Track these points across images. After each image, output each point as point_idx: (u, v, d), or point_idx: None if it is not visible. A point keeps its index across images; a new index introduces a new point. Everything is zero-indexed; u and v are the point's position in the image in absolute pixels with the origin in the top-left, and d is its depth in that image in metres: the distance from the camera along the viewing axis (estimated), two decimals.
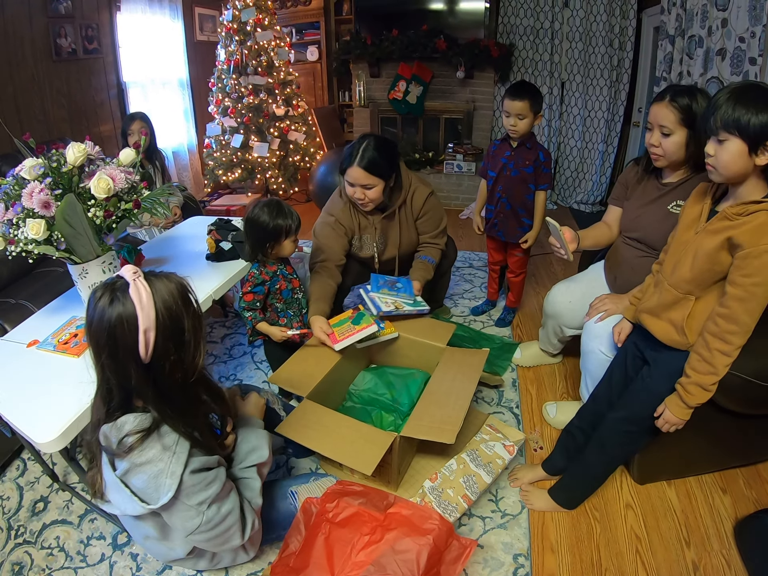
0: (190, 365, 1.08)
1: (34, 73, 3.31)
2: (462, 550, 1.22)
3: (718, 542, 1.54)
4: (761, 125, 1.12)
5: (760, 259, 1.17)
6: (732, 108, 1.15)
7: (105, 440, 1.06)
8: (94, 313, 0.99)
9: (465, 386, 1.65)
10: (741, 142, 1.16)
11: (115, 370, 1.01)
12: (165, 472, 1.04)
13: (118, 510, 1.14)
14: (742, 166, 1.19)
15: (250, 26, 4.38)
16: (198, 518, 1.11)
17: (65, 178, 1.46)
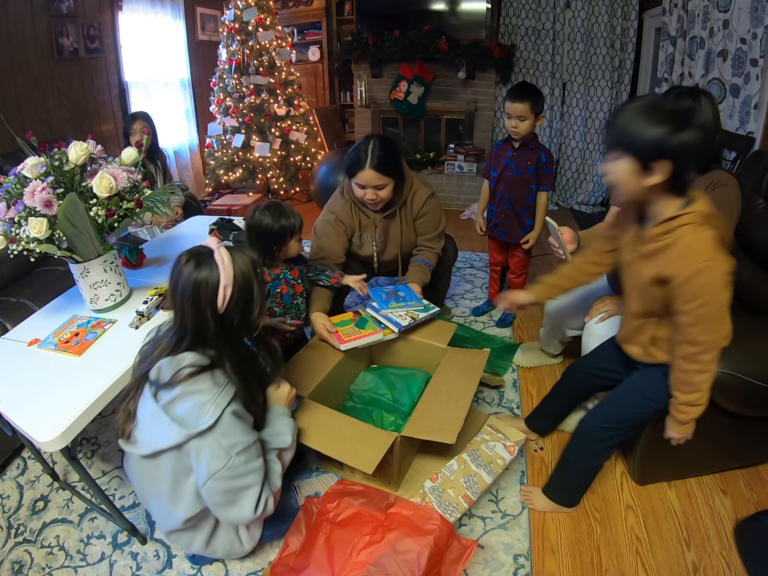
0: (254, 321, 1.29)
1: (36, 72, 3.31)
2: (463, 550, 1.22)
3: (718, 543, 1.54)
4: (651, 142, 1.10)
5: (693, 283, 1.15)
6: (625, 125, 1.14)
7: (157, 373, 1.21)
8: (181, 273, 1.20)
9: (466, 386, 1.65)
10: (632, 161, 1.15)
11: (194, 317, 1.20)
12: (211, 402, 1.16)
13: (147, 445, 1.22)
14: (634, 186, 1.17)
15: (251, 26, 4.37)
16: (225, 459, 1.18)
17: (67, 177, 1.46)
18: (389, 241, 2.25)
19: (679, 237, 1.16)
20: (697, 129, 1.09)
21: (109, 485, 1.79)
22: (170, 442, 1.18)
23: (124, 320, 1.62)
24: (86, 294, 1.64)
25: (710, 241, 1.14)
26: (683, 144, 1.09)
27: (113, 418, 2.08)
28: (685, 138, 1.09)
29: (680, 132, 1.08)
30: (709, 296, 1.15)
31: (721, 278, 1.14)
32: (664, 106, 1.12)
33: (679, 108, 1.13)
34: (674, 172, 1.13)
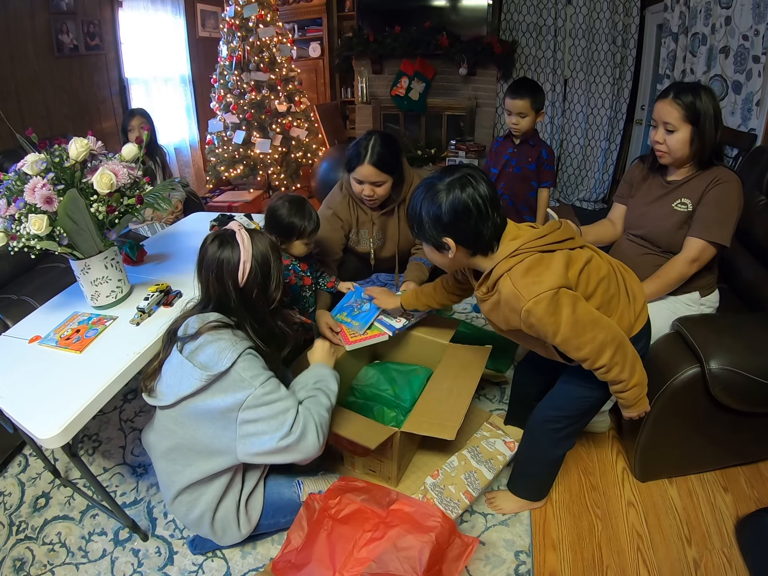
0: (271, 295, 1.39)
1: (36, 69, 3.31)
2: (464, 547, 1.22)
3: (719, 540, 1.55)
4: (426, 230, 1.21)
5: (533, 323, 1.16)
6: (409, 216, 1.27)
7: (184, 329, 1.33)
8: (206, 252, 1.33)
9: (467, 383, 1.65)
10: (427, 246, 1.27)
11: (217, 289, 1.33)
12: (229, 347, 1.25)
13: (170, 394, 1.30)
14: (444, 263, 1.30)
15: (252, 22, 4.36)
16: (249, 389, 1.23)
17: (68, 174, 1.45)
18: (387, 238, 2.25)
19: (499, 292, 1.21)
20: (463, 197, 1.15)
21: (110, 482, 1.80)
22: (192, 387, 1.24)
23: (125, 317, 1.61)
24: (87, 291, 1.64)
25: (522, 279, 1.15)
26: (452, 221, 1.17)
27: (114, 415, 2.09)
28: (452, 214, 1.16)
29: (446, 210, 1.16)
30: (552, 327, 1.16)
31: (549, 306, 1.13)
32: (430, 189, 1.19)
33: (442, 185, 1.18)
34: (460, 243, 1.20)
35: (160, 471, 1.43)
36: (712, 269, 1.69)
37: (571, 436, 1.50)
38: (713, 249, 1.57)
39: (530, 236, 1.19)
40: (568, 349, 1.20)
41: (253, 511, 1.44)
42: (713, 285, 1.73)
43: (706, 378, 1.44)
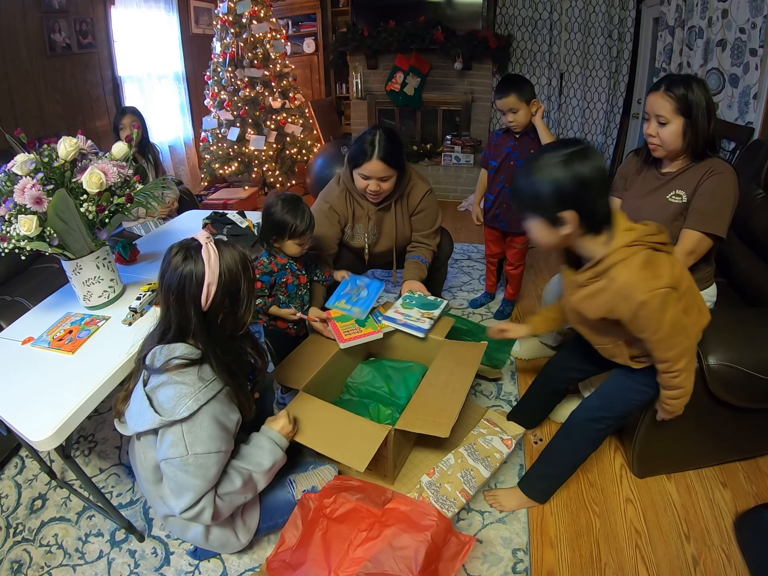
0: (240, 320, 1.27)
1: (29, 68, 3.27)
2: (461, 546, 1.21)
3: (718, 537, 1.54)
4: (547, 199, 1.15)
5: (639, 317, 1.18)
6: (522, 188, 1.19)
7: (151, 358, 1.21)
8: (169, 266, 1.19)
9: (462, 379, 1.64)
10: (539, 220, 1.20)
11: (178, 312, 1.20)
12: (191, 395, 1.16)
13: (131, 427, 1.25)
14: (552, 240, 1.22)
15: (245, 18, 4.32)
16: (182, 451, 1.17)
17: (57, 173, 1.43)
18: (382, 233, 2.24)
19: (612, 279, 1.18)
20: (586, 169, 1.12)
21: (106, 483, 1.79)
22: (146, 425, 1.19)
23: (118, 317, 1.60)
24: (79, 291, 1.63)
25: (640, 272, 1.15)
26: (577, 188, 1.12)
27: (110, 415, 2.08)
28: (576, 185, 1.12)
29: (569, 181, 1.12)
30: (656, 324, 1.19)
31: (662, 303, 1.15)
32: (548, 160, 1.15)
33: (563, 155, 1.14)
34: (582, 217, 1.15)
35: (144, 492, 1.40)
36: (710, 261, 1.68)
37: (605, 438, 1.53)
38: (709, 241, 1.56)
39: (644, 231, 1.19)
40: (660, 347, 1.24)
41: (251, 521, 1.43)
42: (711, 278, 1.73)
43: (704, 374, 1.44)
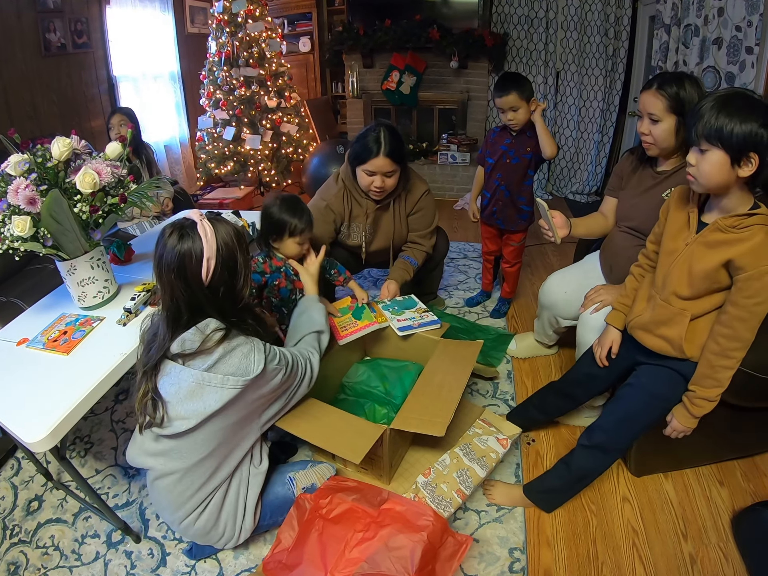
0: (239, 292, 1.30)
1: (24, 69, 3.27)
2: (458, 546, 1.21)
3: (715, 535, 1.54)
4: (744, 136, 1.10)
5: (762, 280, 1.17)
6: (715, 117, 1.12)
7: (181, 346, 1.21)
8: (165, 247, 1.20)
9: (457, 378, 1.64)
10: (723, 154, 1.14)
11: (184, 291, 1.21)
12: (253, 349, 1.25)
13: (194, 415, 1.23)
14: (724, 178, 1.17)
15: (241, 18, 4.32)
16: (282, 372, 1.34)
17: (51, 174, 1.43)
18: (379, 232, 2.24)
19: (754, 234, 1.17)
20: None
21: (102, 484, 1.78)
22: (224, 398, 1.22)
23: (112, 317, 1.60)
24: (74, 291, 1.62)
25: None
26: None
27: (106, 416, 2.07)
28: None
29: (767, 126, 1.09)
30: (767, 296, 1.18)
31: None
32: (750, 99, 1.13)
33: (761, 102, 1.12)
34: (760, 166, 1.12)
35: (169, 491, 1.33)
36: None
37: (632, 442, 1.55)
38: None
39: None
40: (749, 324, 1.23)
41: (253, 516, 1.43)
42: None
43: None
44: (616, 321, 1.58)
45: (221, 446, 1.31)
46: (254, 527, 1.45)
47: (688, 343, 1.33)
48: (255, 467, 1.42)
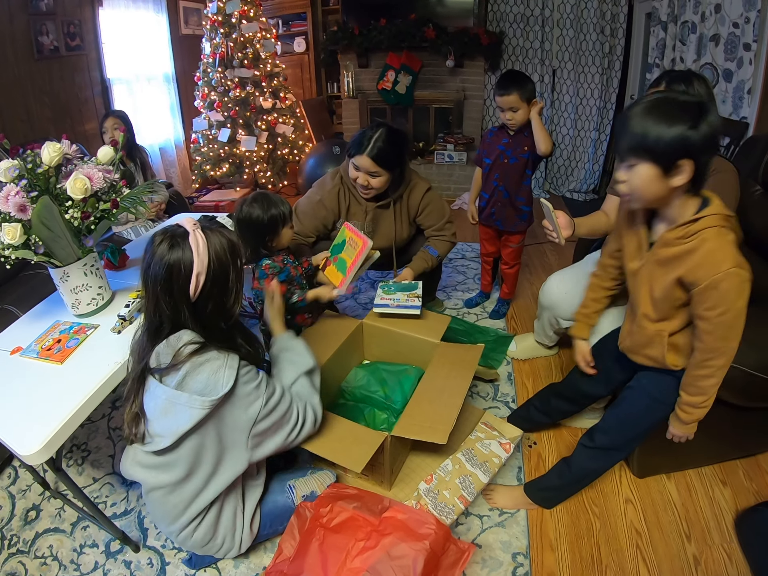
0: (229, 310, 1.24)
1: (16, 72, 3.23)
2: (460, 554, 1.19)
3: (718, 535, 1.53)
4: (671, 142, 1.05)
5: (718, 289, 1.11)
6: (640, 126, 1.08)
7: (156, 360, 1.17)
8: (153, 255, 1.14)
9: (459, 383, 1.62)
10: (652, 165, 1.09)
11: (167, 304, 1.15)
12: (223, 365, 1.16)
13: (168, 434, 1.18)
14: (658, 191, 1.12)
15: (235, 18, 4.30)
16: (259, 400, 1.21)
17: (41, 180, 1.40)
18: (378, 231, 2.22)
19: (702, 241, 1.12)
20: (711, 120, 1.04)
21: (99, 492, 1.77)
22: (194, 418, 1.15)
23: (107, 325, 1.58)
24: (67, 299, 1.60)
25: (732, 247, 1.11)
26: (703, 139, 1.04)
27: (103, 423, 2.05)
28: (704, 133, 1.03)
29: (698, 127, 1.03)
30: (729, 304, 1.12)
31: (741, 285, 1.11)
32: (674, 103, 1.07)
33: (689, 102, 1.07)
34: (696, 170, 1.08)
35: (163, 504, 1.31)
36: None
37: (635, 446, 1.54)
38: None
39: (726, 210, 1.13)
40: (717, 331, 1.17)
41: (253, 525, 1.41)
42: None
43: None
44: (579, 331, 1.60)
45: (204, 465, 1.25)
46: (254, 537, 1.43)
47: (673, 357, 1.32)
48: (252, 479, 1.40)
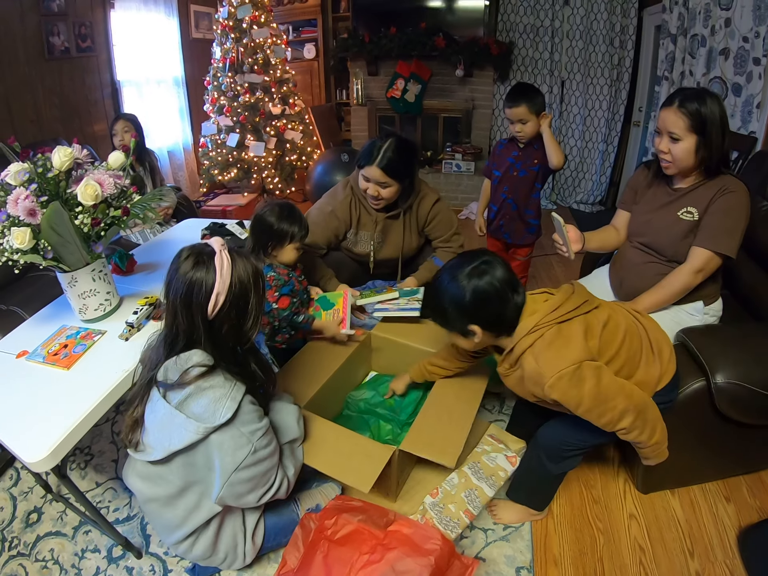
0: (245, 334, 1.24)
1: (27, 72, 3.26)
2: (464, 569, 1.19)
3: (721, 552, 1.53)
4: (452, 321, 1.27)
5: (553, 398, 1.20)
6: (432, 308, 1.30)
7: (164, 374, 1.18)
8: (178, 270, 1.16)
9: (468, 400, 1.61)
10: (455, 334, 1.30)
11: (185, 319, 1.17)
12: (227, 395, 1.16)
13: (160, 448, 1.19)
14: (470, 346, 1.31)
15: (246, 24, 4.32)
16: (248, 447, 1.18)
17: (51, 184, 1.41)
18: (387, 241, 2.22)
19: (523, 368, 1.24)
20: (483, 284, 1.19)
21: (102, 497, 1.76)
22: (185, 440, 1.15)
23: (114, 331, 1.58)
24: (74, 304, 1.60)
25: (546, 354, 1.18)
26: (473, 310, 1.21)
27: (107, 427, 2.05)
28: (474, 301, 1.19)
29: (465, 303, 1.20)
30: (575, 399, 1.19)
31: (572, 380, 1.17)
32: (450, 279, 1.23)
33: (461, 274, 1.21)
34: (486, 328, 1.23)
35: (159, 516, 1.32)
36: (717, 279, 1.66)
37: (575, 458, 1.47)
38: (719, 260, 1.55)
39: (547, 309, 1.22)
40: (591, 418, 1.23)
41: (256, 539, 1.41)
42: (717, 294, 1.71)
43: (711, 392, 1.42)
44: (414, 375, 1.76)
45: (197, 485, 1.26)
46: (258, 550, 1.42)
47: None
48: None
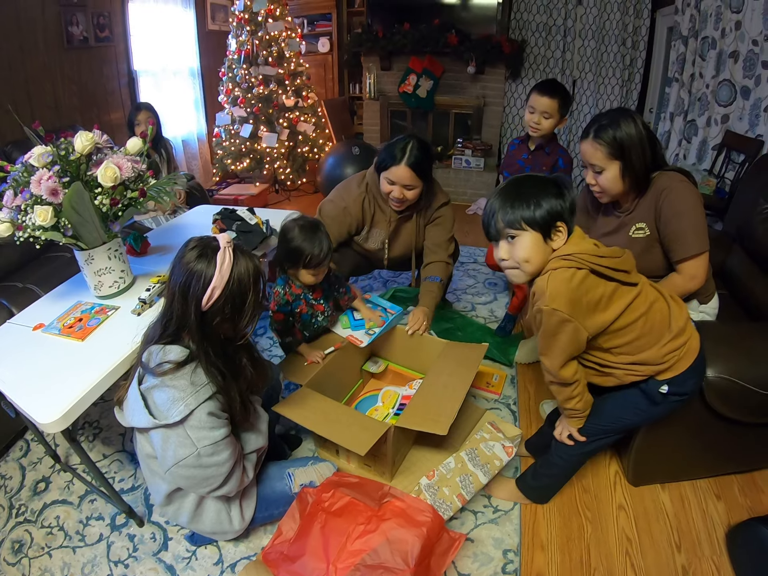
0: (239, 331, 1.29)
1: (46, 60, 3.32)
2: (451, 543, 1.24)
3: (709, 548, 1.54)
4: (546, 214, 1.17)
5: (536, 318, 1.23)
6: (511, 210, 1.19)
7: (147, 357, 1.24)
8: (182, 258, 1.21)
9: (462, 380, 1.66)
10: (533, 235, 1.19)
11: (180, 303, 1.21)
12: (182, 400, 1.18)
13: (127, 420, 1.28)
14: (545, 254, 1.21)
15: (261, 17, 4.37)
16: (192, 448, 1.21)
17: (73, 166, 1.47)
18: (398, 240, 2.24)
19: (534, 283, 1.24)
20: (568, 186, 1.20)
21: (109, 468, 1.83)
22: (141, 423, 1.23)
23: (127, 307, 1.64)
24: (90, 280, 1.67)
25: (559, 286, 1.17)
26: (572, 202, 1.20)
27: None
28: (571, 196, 1.19)
29: (563, 194, 1.19)
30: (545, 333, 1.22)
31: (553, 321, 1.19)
32: (537, 179, 1.22)
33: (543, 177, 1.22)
34: (568, 230, 1.21)
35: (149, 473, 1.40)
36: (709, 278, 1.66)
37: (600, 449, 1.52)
38: (703, 258, 1.52)
39: (589, 249, 1.19)
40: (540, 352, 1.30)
41: (247, 509, 1.45)
42: (712, 292, 1.70)
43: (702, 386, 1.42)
44: None
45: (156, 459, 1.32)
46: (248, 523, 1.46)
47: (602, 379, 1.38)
48: None
